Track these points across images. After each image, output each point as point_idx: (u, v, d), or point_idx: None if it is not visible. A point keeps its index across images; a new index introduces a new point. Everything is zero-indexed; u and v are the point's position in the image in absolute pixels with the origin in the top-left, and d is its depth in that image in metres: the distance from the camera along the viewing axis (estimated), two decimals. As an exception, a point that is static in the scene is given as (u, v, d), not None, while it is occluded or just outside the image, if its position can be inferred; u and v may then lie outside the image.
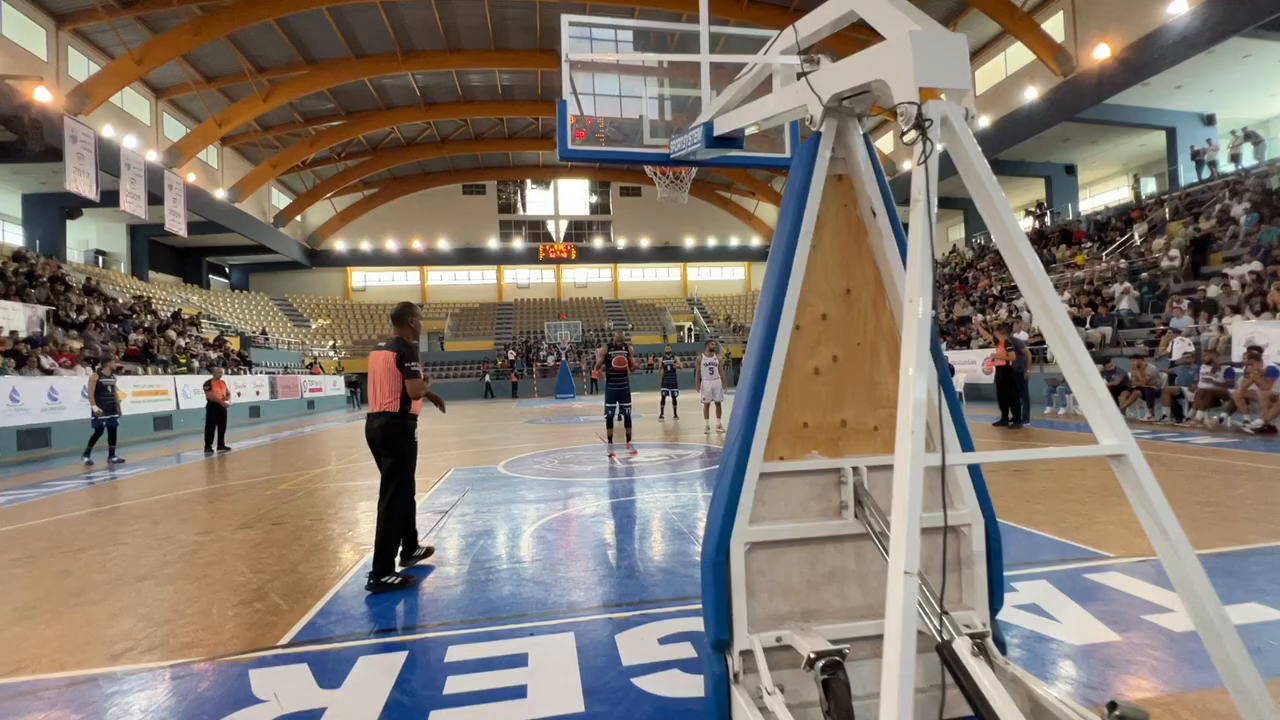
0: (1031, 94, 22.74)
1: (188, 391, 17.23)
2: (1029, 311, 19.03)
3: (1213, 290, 13.81)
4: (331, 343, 34.86)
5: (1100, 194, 27.93)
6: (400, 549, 3.91)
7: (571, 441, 10.97)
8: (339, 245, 40.51)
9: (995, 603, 2.09)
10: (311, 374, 27.84)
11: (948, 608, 1.83)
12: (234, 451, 11.46)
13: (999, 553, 2.10)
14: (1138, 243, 19.23)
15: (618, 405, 8.89)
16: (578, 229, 44.33)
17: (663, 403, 14.58)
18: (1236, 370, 9.64)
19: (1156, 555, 1.43)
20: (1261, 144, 19.68)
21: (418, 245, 41.43)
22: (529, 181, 43.30)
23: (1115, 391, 11.45)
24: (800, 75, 2.19)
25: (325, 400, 27.47)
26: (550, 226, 44.15)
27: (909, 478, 1.34)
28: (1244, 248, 15.20)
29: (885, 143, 32.18)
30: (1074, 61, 21.42)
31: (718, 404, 11.12)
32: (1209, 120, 21.73)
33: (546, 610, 3.18)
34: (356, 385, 28.82)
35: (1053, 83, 21.98)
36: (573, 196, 44.15)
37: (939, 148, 1.51)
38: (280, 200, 36.10)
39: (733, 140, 3.46)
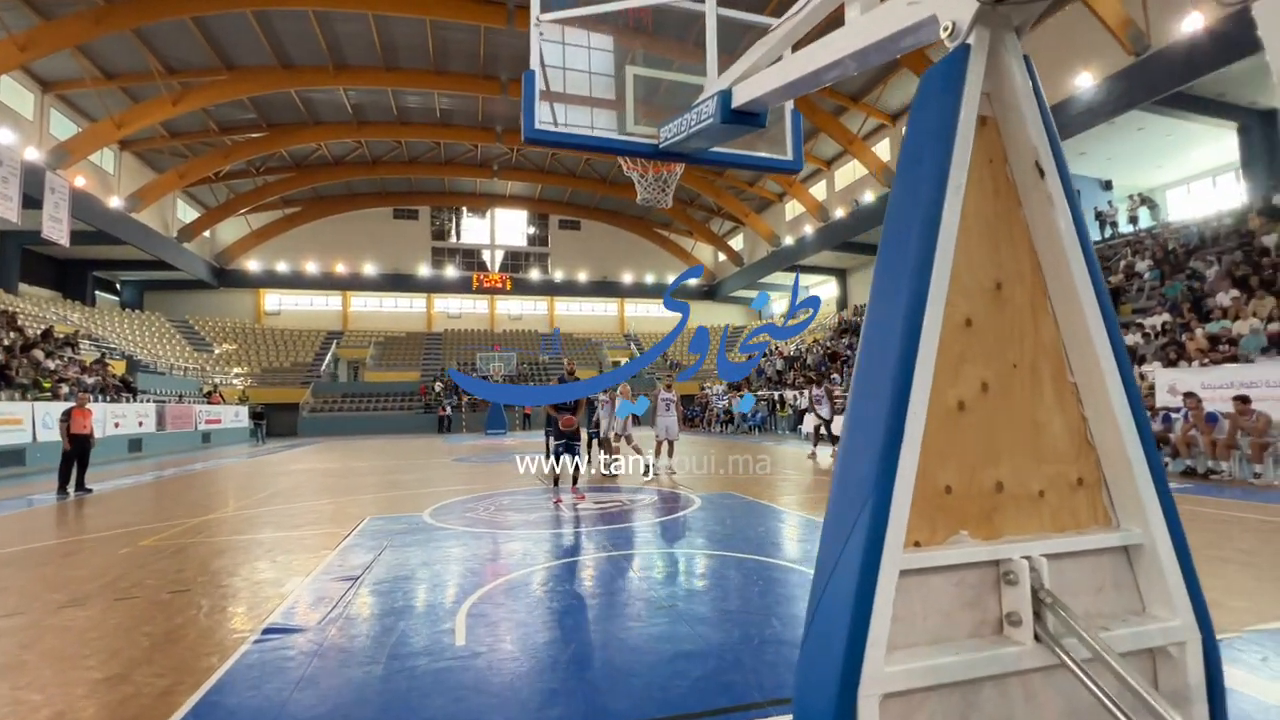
0: (956, 151, 24.07)
1: (49, 421, 14.74)
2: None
3: (1130, 339, 14.51)
4: (237, 369, 31.82)
5: (1014, 248, 29.77)
6: None
7: (507, 484, 9.86)
8: (252, 265, 37.50)
9: (1219, 762, 1.37)
10: (210, 403, 25.04)
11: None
12: (96, 494, 9.58)
13: (1221, 684, 1.40)
14: (1054, 293, 20.36)
15: (568, 443, 7.95)
16: (514, 260, 43.26)
17: (589, 444, 12.97)
18: (1173, 416, 9.87)
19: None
20: (1156, 208, 21.57)
21: (341, 269, 39.01)
22: (465, 209, 42.05)
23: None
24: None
25: (224, 433, 24.69)
26: (486, 256, 42.86)
27: None
28: (1150, 300, 16.24)
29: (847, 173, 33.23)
30: (993, 124, 22.90)
31: (670, 443, 10.34)
32: (1107, 185, 23.66)
33: (497, 743, 2.23)
34: (263, 416, 26.12)
35: (975, 142, 23.38)
36: (510, 227, 43.18)
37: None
38: (187, 214, 33.13)
39: (753, 116, 2.79)
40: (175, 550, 5.57)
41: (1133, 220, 21.44)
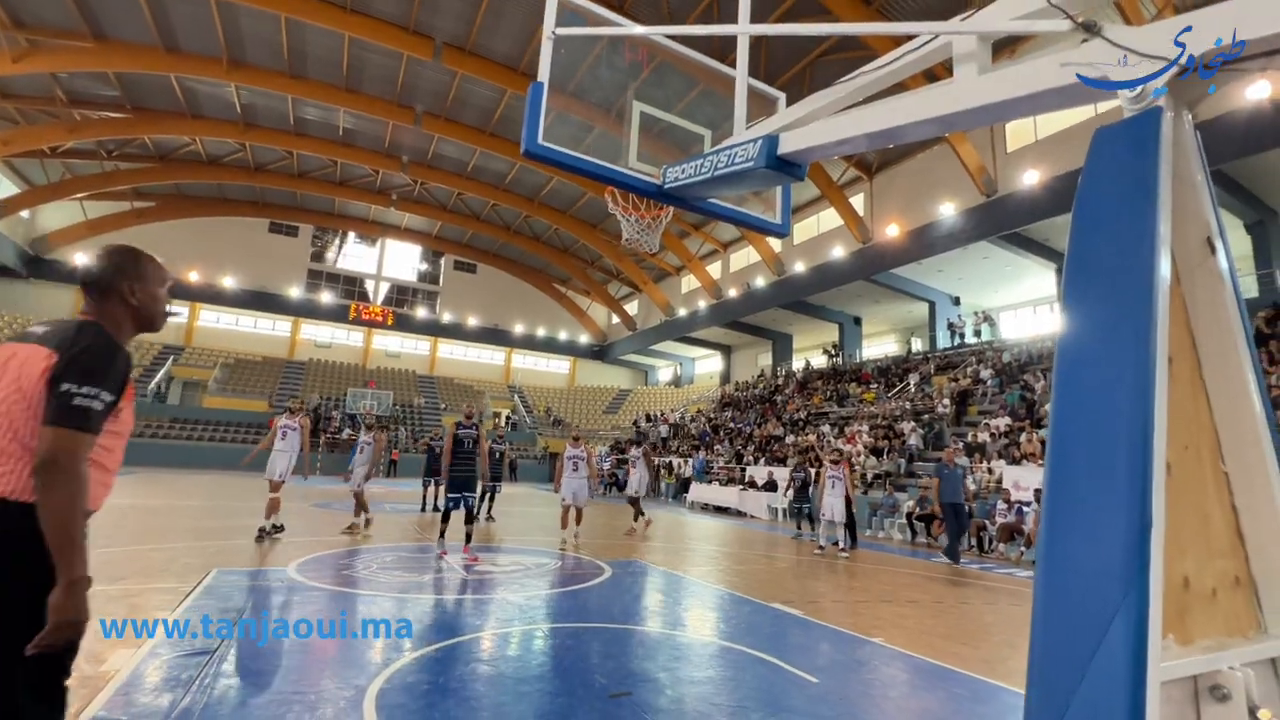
0: (839, 252, 26.68)
1: None
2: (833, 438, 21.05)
3: (981, 436, 16.29)
4: (33, 377, 26.43)
5: (876, 345, 33.12)
6: None
7: (384, 536, 8.72)
8: (80, 259, 32.10)
9: None
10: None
11: None
12: None
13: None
14: (912, 390, 22.63)
15: (461, 496, 7.20)
16: (400, 294, 40.93)
17: (481, 498, 11.48)
18: (1026, 509, 10.99)
19: None
20: (995, 325, 25.11)
21: (195, 277, 34.58)
22: (353, 234, 39.48)
23: (927, 520, 12.49)
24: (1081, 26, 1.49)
25: None
26: (369, 286, 40.18)
27: None
28: (993, 404, 18.48)
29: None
30: (871, 233, 25.75)
31: (579, 510, 9.22)
32: (956, 301, 27.23)
33: None
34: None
35: (854, 247, 26.09)
36: (400, 260, 41.07)
37: None
38: (3, 186, 27.99)
39: (795, 167, 2.70)
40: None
41: (976, 333, 24.74)
